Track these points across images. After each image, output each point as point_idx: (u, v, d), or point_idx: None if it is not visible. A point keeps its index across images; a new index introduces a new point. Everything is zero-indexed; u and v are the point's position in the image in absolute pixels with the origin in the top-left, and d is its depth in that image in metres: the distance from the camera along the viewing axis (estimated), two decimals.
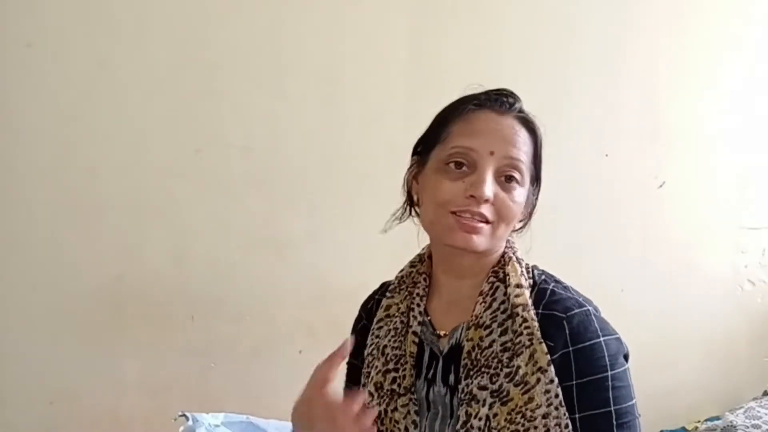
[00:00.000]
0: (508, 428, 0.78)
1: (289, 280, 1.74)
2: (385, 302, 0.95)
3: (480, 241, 0.83)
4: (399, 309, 0.92)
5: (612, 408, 0.79)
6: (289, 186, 1.74)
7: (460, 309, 0.88)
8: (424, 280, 0.93)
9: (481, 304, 0.85)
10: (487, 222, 0.83)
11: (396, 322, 0.91)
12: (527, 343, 0.80)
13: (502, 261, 0.88)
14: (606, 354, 0.80)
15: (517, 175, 0.84)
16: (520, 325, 0.81)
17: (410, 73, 1.82)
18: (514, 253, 0.90)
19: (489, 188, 0.81)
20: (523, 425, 0.78)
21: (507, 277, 0.86)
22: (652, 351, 1.97)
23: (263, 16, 1.71)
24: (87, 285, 1.61)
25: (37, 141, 1.56)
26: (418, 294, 0.91)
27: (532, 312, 0.82)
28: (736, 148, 2.20)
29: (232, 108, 1.69)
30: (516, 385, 0.79)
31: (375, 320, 0.95)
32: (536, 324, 0.81)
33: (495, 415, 0.79)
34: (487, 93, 0.89)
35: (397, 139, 1.81)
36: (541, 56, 1.94)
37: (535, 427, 0.78)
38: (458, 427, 0.81)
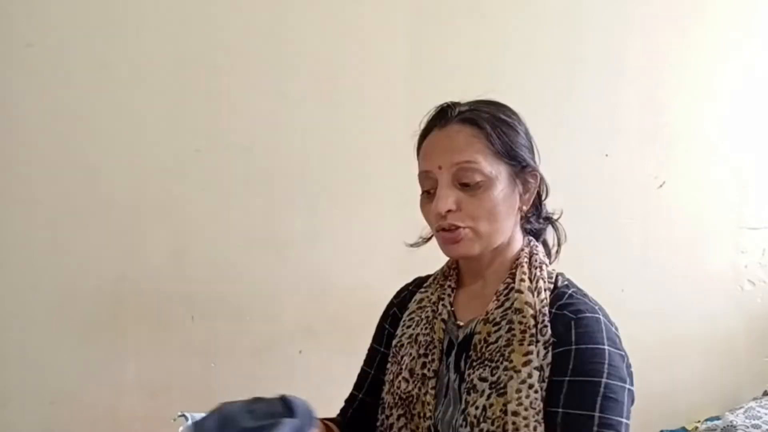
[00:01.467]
0: (501, 419, 0.80)
1: (289, 280, 1.74)
2: (418, 296, 1.00)
3: (466, 247, 0.88)
4: (431, 300, 0.97)
5: (596, 414, 0.77)
6: (289, 186, 1.74)
7: (479, 304, 0.92)
8: (456, 274, 0.98)
9: (494, 301, 0.89)
10: (465, 227, 0.87)
11: (428, 311, 0.96)
12: (519, 339, 0.83)
13: (517, 262, 0.91)
14: (606, 362, 0.80)
15: (473, 174, 0.86)
16: (519, 323, 0.84)
17: (410, 73, 1.82)
18: (529, 256, 0.92)
19: (443, 202, 0.86)
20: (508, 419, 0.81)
21: (515, 280, 0.89)
22: (652, 351, 1.98)
23: (263, 16, 1.71)
24: (87, 285, 1.61)
25: (38, 141, 1.56)
26: (449, 286, 0.97)
27: (531, 311, 0.84)
28: (736, 148, 2.20)
29: (232, 108, 1.70)
30: (509, 379, 0.82)
31: (407, 312, 0.99)
32: (533, 324, 0.83)
33: (491, 405, 0.82)
34: (432, 114, 0.94)
35: (397, 139, 1.81)
36: (542, 56, 1.94)
37: (513, 423, 0.79)
38: (460, 412, 0.84)
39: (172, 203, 1.66)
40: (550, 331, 0.83)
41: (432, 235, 0.97)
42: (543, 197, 0.96)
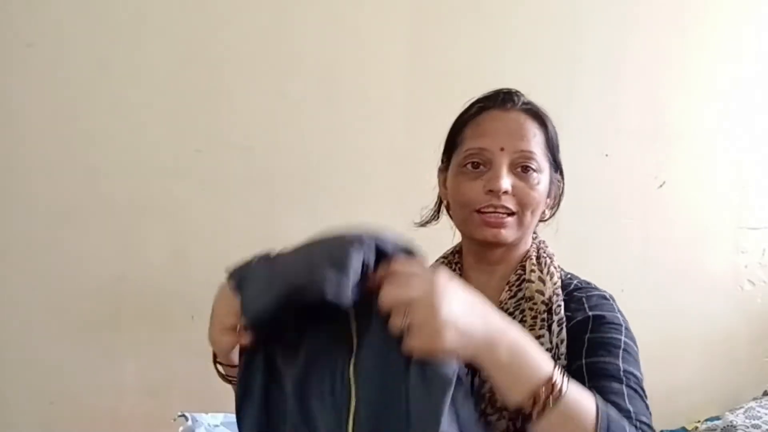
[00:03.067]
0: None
1: None
2: None
3: (508, 234, 0.88)
4: None
5: (620, 363, 0.79)
6: (289, 186, 1.74)
7: (488, 298, 0.92)
8: (459, 270, 0.97)
9: (506, 291, 0.90)
10: (511, 214, 0.87)
11: None
12: (530, 325, 0.84)
13: (526, 256, 0.92)
14: (623, 326, 0.84)
15: (531, 164, 0.88)
16: (529, 310, 0.86)
17: (410, 73, 1.82)
18: (538, 250, 0.93)
19: (505, 181, 0.86)
20: None
21: (525, 271, 0.90)
22: (652, 351, 1.96)
23: (263, 16, 1.71)
24: (87, 285, 1.61)
25: (38, 141, 1.56)
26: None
27: (542, 297, 0.87)
28: (736, 148, 2.20)
29: (232, 108, 1.70)
30: None
31: None
32: (543, 309, 0.86)
33: None
34: (491, 94, 0.94)
35: (397, 139, 1.82)
36: (542, 56, 1.94)
37: None
38: (473, 392, 0.83)
39: (172, 203, 1.66)
40: (563, 311, 0.85)
41: (431, 218, 0.98)
42: (559, 202, 0.98)
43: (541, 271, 0.90)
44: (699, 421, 2.08)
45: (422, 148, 1.79)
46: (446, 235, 1.00)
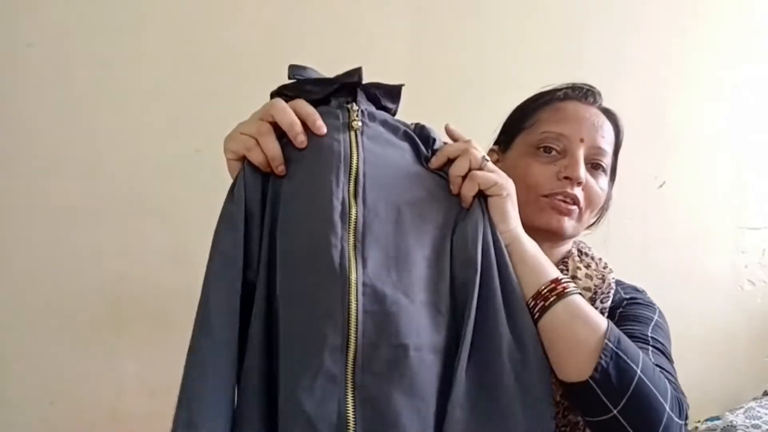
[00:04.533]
0: (563, 404, 0.81)
1: None
2: None
3: (570, 225, 0.87)
4: None
5: (649, 334, 0.81)
6: None
7: None
8: None
9: None
10: (577, 206, 0.86)
11: None
12: None
13: (568, 254, 0.92)
14: (656, 311, 0.87)
15: (603, 162, 0.88)
16: None
17: (410, 73, 1.82)
18: (579, 249, 0.94)
19: (583, 170, 0.85)
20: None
21: (569, 268, 0.90)
22: None
23: (263, 16, 1.71)
24: (87, 285, 1.61)
25: (37, 141, 1.56)
26: None
27: (589, 294, 0.86)
28: (736, 148, 2.20)
29: (232, 108, 1.68)
30: None
31: None
32: (592, 301, 0.85)
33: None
34: (572, 86, 0.94)
35: None
36: (541, 56, 1.94)
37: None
38: None
39: (172, 203, 1.66)
40: (610, 300, 0.86)
41: None
42: (607, 209, 0.98)
43: (588, 267, 0.89)
44: (699, 421, 2.08)
45: None
46: None
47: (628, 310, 0.86)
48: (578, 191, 0.85)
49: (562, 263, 0.90)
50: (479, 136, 0.95)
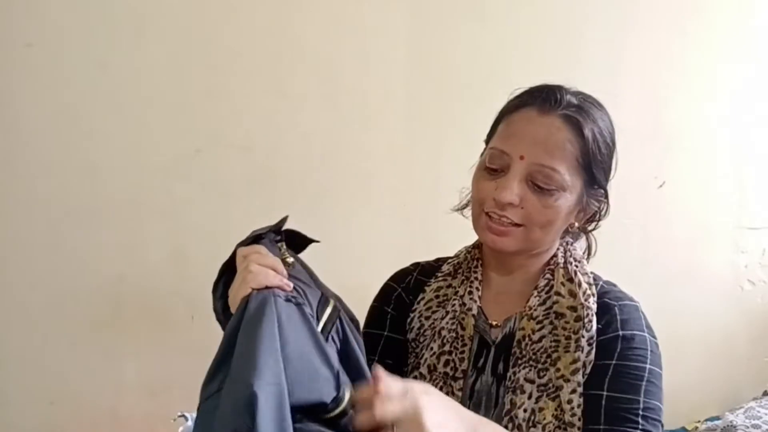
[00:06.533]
0: (553, 423, 0.80)
1: None
2: (434, 284, 0.94)
3: (507, 244, 0.84)
4: (457, 292, 0.91)
5: (641, 398, 0.79)
6: (290, 186, 1.74)
7: (510, 301, 0.90)
8: (479, 265, 0.93)
9: (535, 297, 0.87)
10: (517, 225, 0.82)
11: (454, 304, 0.90)
12: (565, 345, 0.82)
13: (552, 263, 0.89)
14: (649, 348, 0.83)
15: (549, 183, 0.81)
16: (563, 329, 0.83)
17: (410, 73, 1.82)
18: (565, 254, 0.90)
19: (511, 193, 0.81)
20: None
21: (554, 277, 0.87)
22: None
23: (263, 16, 1.71)
24: (87, 285, 1.61)
25: (37, 141, 1.56)
26: (476, 278, 0.92)
27: (575, 314, 0.84)
28: (736, 148, 2.20)
29: (232, 108, 1.69)
30: (560, 388, 0.81)
31: (422, 301, 0.93)
32: (578, 327, 0.83)
33: (541, 409, 0.81)
34: (532, 90, 0.87)
35: (397, 139, 1.82)
36: (541, 56, 1.94)
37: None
38: (503, 414, 0.82)
39: (172, 203, 1.66)
40: (595, 326, 0.83)
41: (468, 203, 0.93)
42: (600, 218, 0.93)
43: (571, 282, 0.86)
44: (699, 421, 2.08)
45: (422, 148, 1.80)
46: (448, 237, 0.99)
47: (623, 364, 0.81)
48: (512, 212, 0.81)
49: (545, 276, 0.88)
50: (477, 136, 0.94)
